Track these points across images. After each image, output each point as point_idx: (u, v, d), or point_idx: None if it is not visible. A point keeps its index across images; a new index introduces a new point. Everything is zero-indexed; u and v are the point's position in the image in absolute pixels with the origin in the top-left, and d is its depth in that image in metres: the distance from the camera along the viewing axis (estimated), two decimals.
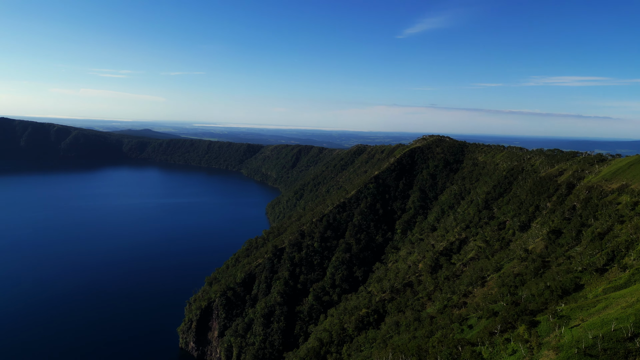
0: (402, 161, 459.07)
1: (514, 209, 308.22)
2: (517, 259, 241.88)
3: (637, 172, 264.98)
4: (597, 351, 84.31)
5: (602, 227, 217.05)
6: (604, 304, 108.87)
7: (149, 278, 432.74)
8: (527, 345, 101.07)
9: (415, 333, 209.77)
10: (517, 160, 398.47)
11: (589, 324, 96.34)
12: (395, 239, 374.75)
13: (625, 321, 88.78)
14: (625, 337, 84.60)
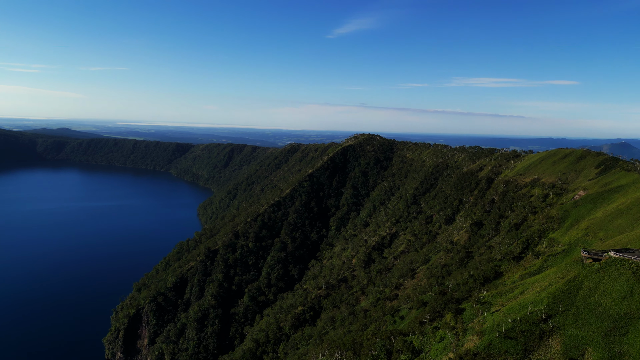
0: (335, 159, 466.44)
1: (440, 204, 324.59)
2: (443, 251, 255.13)
3: (547, 167, 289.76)
4: (515, 333, 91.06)
5: (517, 218, 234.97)
6: (520, 289, 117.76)
7: (71, 287, 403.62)
8: (453, 331, 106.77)
9: (350, 327, 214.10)
10: (442, 157, 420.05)
11: (508, 308, 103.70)
12: (330, 236, 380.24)
13: (539, 304, 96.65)
14: (540, 319, 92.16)
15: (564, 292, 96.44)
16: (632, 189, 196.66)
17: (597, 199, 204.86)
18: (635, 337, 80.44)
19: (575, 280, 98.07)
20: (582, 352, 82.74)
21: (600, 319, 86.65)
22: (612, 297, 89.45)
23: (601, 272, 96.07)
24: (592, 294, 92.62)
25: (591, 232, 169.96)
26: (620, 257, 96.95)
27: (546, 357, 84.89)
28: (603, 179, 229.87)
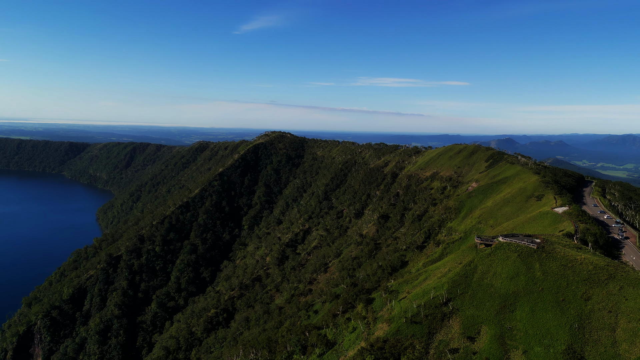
0: (246, 157, 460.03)
1: (350, 198, 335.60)
2: (354, 244, 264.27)
3: (444, 161, 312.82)
4: (420, 318, 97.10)
5: (420, 210, 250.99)
6: (424, 276, 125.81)
7: None
8: (365, 321, 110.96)
9: (265, 326, 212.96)
10: (350, 153, 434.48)
11: (413, 295, 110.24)
12: (243, 235, 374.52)
13: (441, 289, 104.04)
14: (441, 303, 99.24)
15: (461, 277, 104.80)
16: (516, 180, 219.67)
17: (487, 189, 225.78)
18: (521, 313, 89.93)
19: (471, 265, 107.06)
20: (477, 330, 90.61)
21: (493, 299, 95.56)
22: (502, 278, 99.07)
23: (492, 256, 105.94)
24: (485, 276, 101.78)
25: (483, 220, 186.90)
26: (507, 242, 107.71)
27: (447, 337, 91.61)
28: (492, 172, 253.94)
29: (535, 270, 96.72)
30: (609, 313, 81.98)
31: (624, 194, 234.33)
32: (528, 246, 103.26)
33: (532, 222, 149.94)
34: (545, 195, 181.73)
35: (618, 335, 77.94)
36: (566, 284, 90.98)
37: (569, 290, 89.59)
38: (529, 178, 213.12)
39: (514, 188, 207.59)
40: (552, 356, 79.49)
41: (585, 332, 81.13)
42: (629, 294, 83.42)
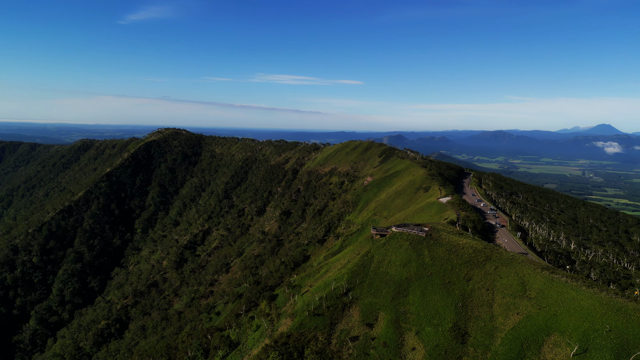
0: (137, 156, 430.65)
1: (251, 196, 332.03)
2: (256, 242, 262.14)
3: (342, 157, 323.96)
4: (322, 310, 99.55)
5: (320, 205, 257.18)
6: (325, 269, 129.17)
7: None
8: (268, 318, 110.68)
9: (163, 333, 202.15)
10: (250, 150, 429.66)
11: (316, 288, 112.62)
12: (136, 239, 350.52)
13: (341, 280, 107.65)
14: (342, 293, 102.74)
15: (359, 267, 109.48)
16: (406, 173, 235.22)
17: (381, 183, 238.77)
18: (414, 297, 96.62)
19: (368, 255, 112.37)
20: (375, 317, 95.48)
21: (388, 286, 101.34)
22: (396, 265, 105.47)
23: (387, 245, 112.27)
24: (381, 265, 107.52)
25: (378, 212, 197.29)
26: (400, 231, 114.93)
27: (348, 326, 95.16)
28: (385, 166, 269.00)
29: (425, 257, 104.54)
30: (487, 291, 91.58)
31: (497, 183, 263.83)
32: (418, 234, 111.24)
33: (421, 212, 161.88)
34: (432, 186, 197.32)
35: (495, 310, 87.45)
36: (451, 267, 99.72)
37: (453, 272, 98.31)
38: (417, 171, 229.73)
39: (404, 181, 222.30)
40: (441, 334, 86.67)
41: (468, 309, 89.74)
42: (503, 272, 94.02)
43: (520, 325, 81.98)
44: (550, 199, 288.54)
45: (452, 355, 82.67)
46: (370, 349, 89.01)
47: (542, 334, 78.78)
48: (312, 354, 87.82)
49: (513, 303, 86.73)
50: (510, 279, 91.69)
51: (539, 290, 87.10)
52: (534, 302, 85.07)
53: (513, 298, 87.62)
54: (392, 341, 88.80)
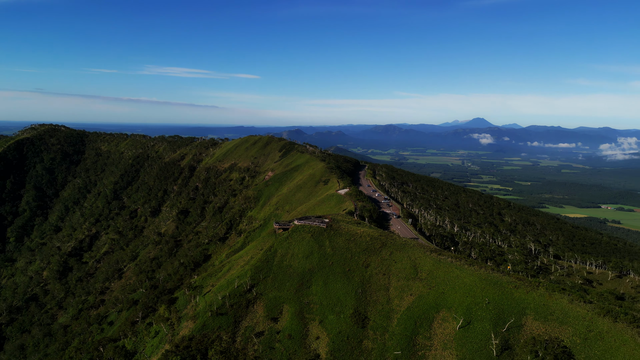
0: (7, 156, 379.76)
1: (144, 196, 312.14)
2: (151, 244, 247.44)
3: (241, 153, 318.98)
4: (226, 309, 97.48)
5: (220, 202, 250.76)
6: (227, 267, 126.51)
7: None
8: (168, 322, 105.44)
9: (47, 350, 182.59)
10: (142, 147, 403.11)
11: (218, 287, 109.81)
12: (9, 250, 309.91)
13: (244, 277, 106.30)
14: (245, 290, 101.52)
15: (263, 262, 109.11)
16: (306, 167, 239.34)
17: (282, 177, 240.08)
18: (317, 287, 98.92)
19: (271, 250, 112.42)
20: (280, 310, 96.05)
21: (292, 279, 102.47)
22: (299, 258, 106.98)
23: (289, 239, 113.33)
24: (284, 258, 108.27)
25: (280, 206, 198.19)
26: (302, 224, 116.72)
27: (253, 322, 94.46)
28: (285, 160, 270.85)
29: (326, 247, 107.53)
30: (383, 276, 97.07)
31: (389, 174, 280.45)
32: (319, 226, 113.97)
33: (322, 204, 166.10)
34: (331, 179, 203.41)
35: (391, 293, 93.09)
36: (350, 255, 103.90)
37: (353, 260, 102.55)
38: (316, 165, 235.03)
39: (304, 175, 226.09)
40: (343, 321, 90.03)
41: (367, 295, 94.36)
42: (397, 257, 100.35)
43: (414, 305, 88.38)
44: (436, 187, 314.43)
45: (353, 339, 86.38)
46: (275, 343, 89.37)
47: (433, 312, 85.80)
48: (216, 354, 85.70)
49: (407, 285, 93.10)
50: (403, 263, 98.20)
51: (428, 272, 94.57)
52: (425, 283, 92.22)
53: (407, 280, 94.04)
54: (296, 333, 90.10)
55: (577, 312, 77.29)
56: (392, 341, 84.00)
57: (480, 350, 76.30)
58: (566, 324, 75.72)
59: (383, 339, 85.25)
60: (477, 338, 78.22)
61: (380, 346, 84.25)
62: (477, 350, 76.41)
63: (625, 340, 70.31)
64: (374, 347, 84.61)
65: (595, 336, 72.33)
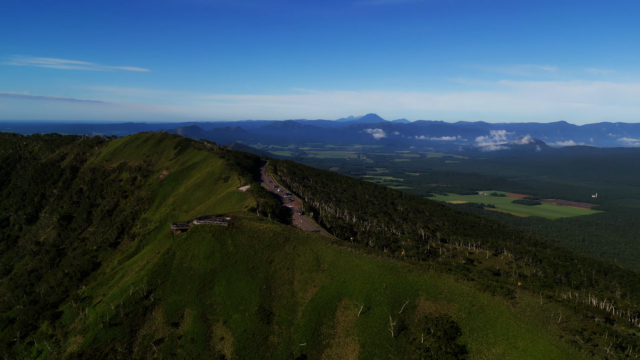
0: None
1: (18, 202, 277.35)
2: (29, 255, 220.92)
3: (132, 151, 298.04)
4: (120, 318, 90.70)
5: (109, 205, 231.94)
6: (120, 274, 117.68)
7: None
8: (52, 340, 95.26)
9: None
10: (12, 147, 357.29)
11: (110, 296, 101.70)
12: None
13: (140, 283, 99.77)
14: (142, 297, 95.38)
15: (160, 266, 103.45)
16: (205, 165, 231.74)
17: (179, 176, 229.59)
18: (220, 288, 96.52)
19: (169, 252, 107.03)
20: (181, 315, 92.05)
21: (193, 281, 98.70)
22: (199, 259, 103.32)
23: (189, 239, 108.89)
24: (184, 260, 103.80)
25: (177, 206, 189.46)
26: (202, 224, 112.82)
27: (152, 330, 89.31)
28: (181, 158, 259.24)
29: (229, 246, 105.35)
30: (287, 270, 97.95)
31: (290, 169, 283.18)
32: (220, 225, 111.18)
33: (222, 202, 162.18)
34: (231, 176, 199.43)
35: (295, 286, 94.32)
36: (254, 252, 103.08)
37: (256, 257, 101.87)
38: (215, 162, 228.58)
39: (203, 172, 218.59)
40: (248, 319, 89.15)
41: (272, 290, 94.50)
42: (300, 251, 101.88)
43: (317, 296, 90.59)
44: (335, 181, 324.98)
45: (259, 336, 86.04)
46: (177, 349, 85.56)
47: (335, 301, 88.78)
48: None
49: (310, 277, 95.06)
50: (307, 256, 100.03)
51: (330, 262, 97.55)
52: (327, 274, 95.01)
53: (310, 273, 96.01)
54: (200, 336, 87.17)
55: (462, 290, 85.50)
56: (298, 334, 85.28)
57: (379, 333, 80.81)
58: (453, 301, 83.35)
59: (288, 333, 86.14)
60: (376, 322, 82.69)
61: (285, 340, 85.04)
62: (377, 334, 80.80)
63: (502, 311, 79.46)
64: (279, 341, 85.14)
65: (477, 310, 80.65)
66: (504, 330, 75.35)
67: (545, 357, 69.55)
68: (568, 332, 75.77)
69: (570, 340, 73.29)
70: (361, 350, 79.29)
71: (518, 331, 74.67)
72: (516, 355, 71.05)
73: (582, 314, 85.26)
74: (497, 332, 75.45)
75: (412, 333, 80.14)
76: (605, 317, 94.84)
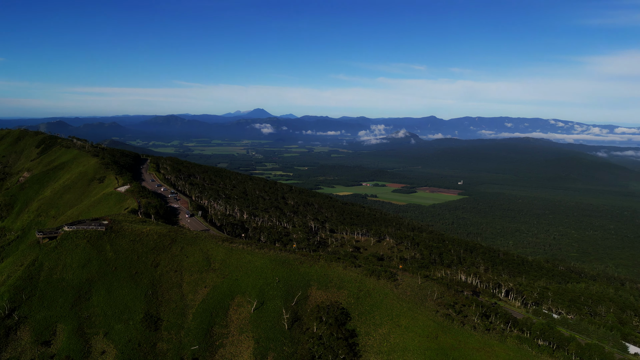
0: None
1: None
2: None
3: None
4: None
5: None
6: None
7: None
8: None
9: None
10: None
11: None
12: None
13: (0, 300, 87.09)
14: (3, 316, 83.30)
15: (25, 280, 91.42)
16: (75, 164, 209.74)
17: (44, 178, 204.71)
18: (98, 298, 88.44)
19: (35, 264, 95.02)
20: (53, 331, 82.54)
21: (66, 293, 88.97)
22: (73, 268, 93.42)
23: (59, 248, 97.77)
24: (54, 271, 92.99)
25: (43, 212, 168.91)
26: (74, 230, 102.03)
27: (17, 352, 78.81)
28: (46, 158, 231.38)
29: (107, 252, 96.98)
30: (175, 272, 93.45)
31: (175, 167, 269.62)
32: (97, 230, 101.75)
33: (98, 205, 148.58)
34: (107, 176, 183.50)
35: (184, 289, 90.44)
36: (137, 257, 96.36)
37: (140, 262, 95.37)
38: (88, 161, 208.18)
39: (73, 173, 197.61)
40: (133, 328, 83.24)
41: (159, 295, 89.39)
42: (189, 251, 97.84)
43: (209, 296, 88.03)
44: (224, 177, 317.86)
45: (146, 345, 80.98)
46: None
47: (228, 299, 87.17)
48: None
49: (200, 278, 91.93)
50: (196, 257, 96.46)
51: (221, 261, 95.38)
52: (218, 273, 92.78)
53: (200, 273, 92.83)
54: (76, 352, 79.14)
55: (350, 277, 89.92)
56: (189, 337, 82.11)
57: (274, 327, 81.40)
58: (342, 288, 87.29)
59: (179, 337, 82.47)
60: (270, 316, 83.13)
61: (176, 345, 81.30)
62: (271, 328, 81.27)
63: (387, 294, 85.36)
64: (169, 347, 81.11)
65: (364, 294, 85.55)
66: (388, 311, 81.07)
67: (424, 331, 76.43)
68: (443, 307, 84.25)
69: (445, 314, 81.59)
70: (255, 346, 79.11)
71: (401, 310, 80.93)
72: (399, 333, 76.96)
73: (453, 289, 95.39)
74: (383, 314, 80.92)
75: (305, 323, 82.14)
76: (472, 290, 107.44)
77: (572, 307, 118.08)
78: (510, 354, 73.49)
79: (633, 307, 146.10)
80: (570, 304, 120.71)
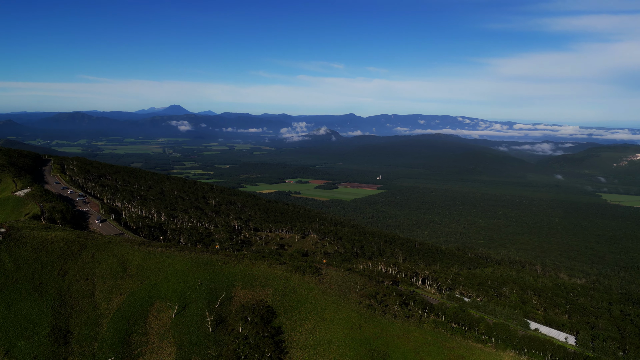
0: None
1: None
2: None
3: None
4: None
5: None
6: None
7: None
8: None
9: None
10: None
11: None
12: None
13: None
14: None
15: None
16: None
17: None
18: None
19: None
20: None
21: None
22: None
23: None
24: None
25: None
26: None
27: None
28: None
29: (6, 263, 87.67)
30: (86, 281, 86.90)
31: (82, 168, 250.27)
32: None
33: None
34: (3, 179, 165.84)
35: (97, 297, 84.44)
36: (41, 266, 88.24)
37: (45, 271, 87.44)
38: None
39: None
40: (39, 343, 76.19)
41: (67, 306, 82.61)
42: (101, 257, 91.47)
43: (125, 304, 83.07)
44: (139, 177, 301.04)
45: None
46: None
47: (146, 306, 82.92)
48: None
49: (115, 285, 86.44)
50: (109, 262, 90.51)
51: (138, 266, 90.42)
52: (135, 279, 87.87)
53: (115, 280, 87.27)
54: None
55: (275, 274, 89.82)
56: (103, 349, 76.91)
57: (197, 331, 78.94)
58: (268, 286, 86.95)
59: (92, 350, 76.93)
60: (193, 320, 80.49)
61: (89, 358, 75.75)
62: (194, 332, 78.73)
63: (311, 289, 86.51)
64: None
65: (290, 291, 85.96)
66: (313, 306, 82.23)
67: (348, 322, 78.64)
68: (365, 298, 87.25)
69: (367, 305, 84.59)
70: (178, 351, 76.18)
71: (325, 304, 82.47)
72: (325, 326, 78.44)
73: (375, 280, 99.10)
74: (308, 309, 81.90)
75: (230, 324, 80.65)
76: (392, 280, 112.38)
77: (480, 290, 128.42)
78: (428, 337, 78.16)
79: (532, 287, 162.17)
80: (479, 288, 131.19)
